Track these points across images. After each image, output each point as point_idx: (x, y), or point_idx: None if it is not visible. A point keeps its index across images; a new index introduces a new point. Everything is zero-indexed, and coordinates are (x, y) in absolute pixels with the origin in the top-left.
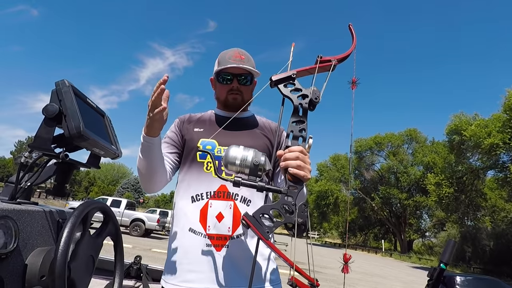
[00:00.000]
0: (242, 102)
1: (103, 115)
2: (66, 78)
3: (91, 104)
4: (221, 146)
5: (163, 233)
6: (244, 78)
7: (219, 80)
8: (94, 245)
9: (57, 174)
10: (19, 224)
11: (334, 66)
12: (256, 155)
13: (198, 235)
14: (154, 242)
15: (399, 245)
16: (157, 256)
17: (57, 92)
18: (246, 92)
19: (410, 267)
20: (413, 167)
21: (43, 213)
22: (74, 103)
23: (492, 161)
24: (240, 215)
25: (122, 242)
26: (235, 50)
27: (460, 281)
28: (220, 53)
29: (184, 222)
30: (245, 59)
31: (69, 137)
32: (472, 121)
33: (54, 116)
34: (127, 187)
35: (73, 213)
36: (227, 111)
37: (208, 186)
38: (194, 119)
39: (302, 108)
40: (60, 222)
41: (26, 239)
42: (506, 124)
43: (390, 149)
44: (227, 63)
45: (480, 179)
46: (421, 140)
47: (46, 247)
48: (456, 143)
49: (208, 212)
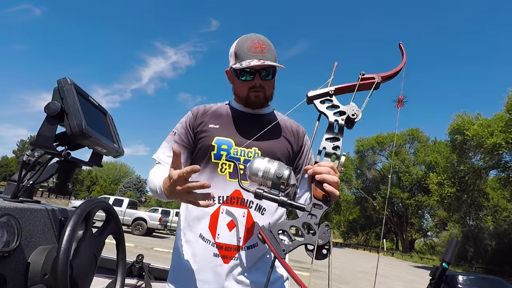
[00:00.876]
0: (264, 99)
1: (105, 113)
2: (68, 76)
3: (93, 102)
4: (238, 147)
5: (165, 232)
6: (267, 72)
7: (239, 76)
8: (97, 243)
9: (59, 173)
10: (21, 222)
11: (377, 84)
12: (280, 167)
13: (207, 242)
14: (156, 241)
15: (400, 244)
16: (159, 255)
17: (59, 90)
18: (268, 87)
19: (412, 267)
20: (415, 166)
21: (46, 212)
22: (76, 101)
23: (494, 160)
24: (253, 225)
25: (124, 241)
26: (253, 39)
27: (462, 281)
28: (236, 41)
29: (193, 226)
30: (266, 49)
31: (71, 135)
32: (475, 121)
33: (56, 114)
34: (129, 186)
35: (75, 212)
36: (248, 107)
37: (221, 190)
38: (209, 112)
39: (338, 125)
40: (63, 220)
41: (28, 237)
42: (509, 123)
43: (392, 148)
44: (247, 57)
45: (482, 179)
46: (423, 140)
47: (48, 245)
48: (459, 143)
49: (218, 219)
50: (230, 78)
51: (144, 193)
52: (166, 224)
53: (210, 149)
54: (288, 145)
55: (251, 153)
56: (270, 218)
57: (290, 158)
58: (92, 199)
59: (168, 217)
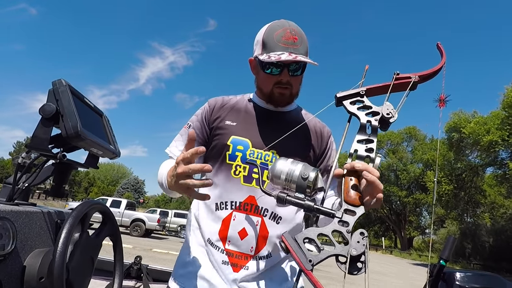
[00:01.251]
0: (290, 97)
1: (101, 114)
2: (64, 78)
3: (88, 103)
4: (255, 148)
5: (164, 233)
6: (297, 67)
7: (264, 68)
8: (93, 245)
9: (55, 175)
10: (17, 226)
11: (414, 84)
12: (306, 169)
13: (216, 248)
14: (154, 242)
15: (399, 242)
16: (157, 256)
17: (54, 91)
18: (295, 84)
19: (411, 264)
20: (412, 164)
21: (41, 214)
22: (72, 102)
23: (491, 158)
24: (267, 235)
25: (122, 242)
26: (285, 28)
27: (460, 277)
28: (265, 28)
29: (203, 229)
30: (299, 41)
31: (67, 137)
32: (471, 119)
33: (51, 116)
34: (127, 187)
35: (71, 214)
36: (269, 104)
37: (234, 194)
38: (228, 106)
39: (371, 126)
40: (59, 223)
41: (24, 240)
42: (505, 121)
43: (389, 147)
44: (276, 48)
45: (479, 176)
46: (420, 138)
47: (44, 248)
48: (455, 141)
49: (230, 225)
50: (254, 68)
51: (142, 194)
52: (165, 225)
53: (225, 148)
54: (310, 148)
55: (268, 156)
56: (286, 227)
57: (311, 161)
58: (88, 201)
59: (167, 218)
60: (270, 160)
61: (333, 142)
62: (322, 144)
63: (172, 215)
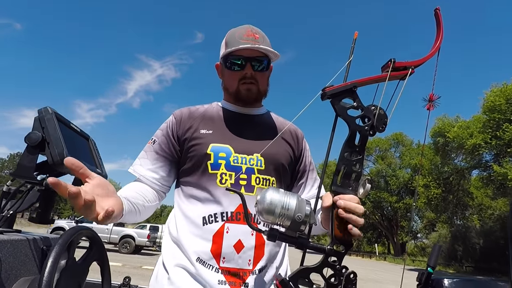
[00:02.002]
0: (257, 94)
1: (87, 138)
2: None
3: (75, 129)
4: (238, 154)
5: (154, 249)
6: (260, 62)
7: (228, 65)
8: (80, 271)
9: (40, 201)
10: (1, 255)
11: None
12: (300, 205)
13: (208, 267)
14: (145, 259)
15: (392, 248)
16: (148, 274)
17: (40, 119)
18: (262, 80)
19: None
20: (401, 170)
21: (27, 242)
22: (58, 130)
23: (475, 160)
24: (264, 242)
25: (109, 267)
26: (246, 28)
27: (448, 284)
28: (228, 32)
29: (188, 248)
30: (260, 39)
31: (53, 164)
32: (455, 123)
33: (37, 143)
34: None
35: (57, 242)
36: (238, 105)
37: (224, 205)
38: (197, 115)
39: (360, 135)
40: (45, 249)
41: (9, 269)
42: (486, 124)
43: (378, 153)
44: (237, 44)
45: (466, 179)
46: (407, 143)
47: (30, 276)
48: (441, 145)
49: (223, 239)
50: (220, 72)
51: None
52: (155, 241)
53: (206, 158)
54: (290, 150)
55: (253, 160)
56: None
57: (292, 163)
58: (74, 228)
59: (157, 233)
60: (256, 164)
61: (306, 143)
62: (299, 146)
63: (163, 230)
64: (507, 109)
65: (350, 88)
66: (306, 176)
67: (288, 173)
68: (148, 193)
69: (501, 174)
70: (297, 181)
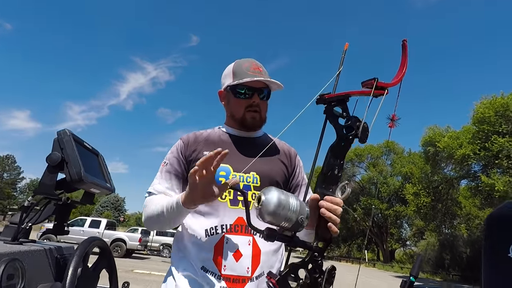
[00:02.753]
0: (260, 121)
1: (97, 154)
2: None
3: (87, 147)
4: (236, 172)
5: (145, 253)
6: (263, 92)
7: (237, 94)
8: (92, 278)
9: (56, 215)
10: (24, 264)
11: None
12: (302, 206)
13: (212, 275)
14: (136, 262)
15: (381, 254)
16: (139, 277)
17: (59, 141)
18: (264, 109)
19: (393, 276)
20: (392, 177)
21: (44, 252)
22: (75, 150)
23: (464, 171)
24: (260, 252)
25: (117, 273)
26: (251, 61)
27: None
28: (234, 63)
29: (193, 258)
30: (263, 72)
31: (71, 181)
32: (445, 133)
33: (57, 163)
34: (106, 206)
35: (75, 253)
36: (240, 129)
37: (224, 218)
38: (201, 139)
39: (343, 143)
40: (59, 258)
41: (30, 278)
42: (476, 135)
43: (369, 160)
44: (246, 75)
45: (455, 188)
46: (398, 152)
47: (47, 283)
48: (431, 154)
49: (223, 249)
50: (224, 98)
51: (122, 212)
52: (147, 244)
53: None
54: (284, 167)
55: (250, 178)
56: (275, 243)
57: (286, 179)
58: (89, 239)
59: (149, 236)
60: (252, 181)
61: (299, 160)
62: (292, 163)
63: (154, 234)
64: (496, 121)
65: (343, 98)
66: (299, 190)
67: (282, 188)
68: None
69: (489, 184)
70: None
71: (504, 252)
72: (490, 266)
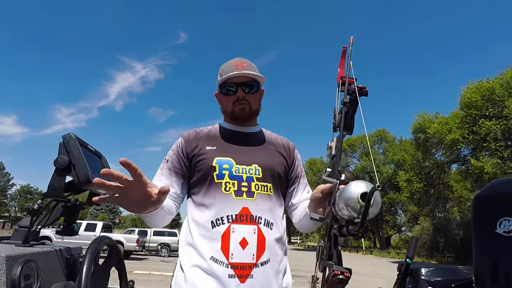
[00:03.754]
0: (250, 112)
1: (100, 156)
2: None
3: (90, 149)
4: (239, 165)
5: (144, 254)
6: (249, 86)
7: (223, 92)
8: (103, 275)
9: (65, 216)
10: (39, 265)
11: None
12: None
13: (220, 264)
14: (134, 263)
15: (378, 242)
16: (139, 278)
17: (65, 144)
18: (253, 101)
19: (390, 262)
20: (385, 165)
21: (55, 253)
22: (81, 153)
23: (454, 155)
24: (264, 240)
25: (126, 271)
26: (236, 60)
27: (424, 272)
28: (221, 65)
29: (202, 249)
30: (247, 67)
31: (79, 183)
32: (434, 119)
33: (65, 167)
34: (100, 208)
35: (88, 251)
36: (236, 124)
37: (229, 209)
38: (202, 135)
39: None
40: (69, 258)
41: (44, 277)
42: (464, 120)
43: (362, 150)
44: (228, 73)
45: (446, 173)
46: (390, 140)
47: (60, 282)
48: (422, 141)
49: (230, 238)
50: (219, 99)
51: (117, 214)
52: (144, 245)
53: (212, 170)
54: (284, 160)
55: (252, 170)
56: (278, 231)
57: (286, 171)
58: (99, 238)
59: (146, 237)
60: (254, 173)
61: (298, 153)
62: (291, 156)
63: (152, 234)
64: (482, 105)
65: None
66: (298, 181)
67: (283, 179)
68: (168, 203)
69: (478, 167)
70: (290, 186)
71: (492, 228)
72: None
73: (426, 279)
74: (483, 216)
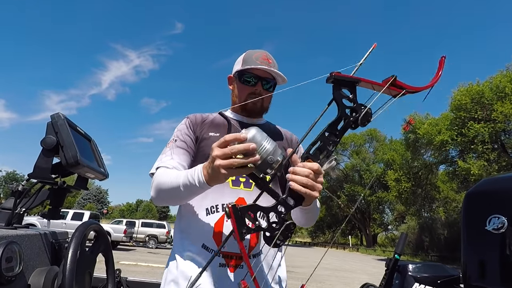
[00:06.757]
0: (261, 108)
1: (89, 140)
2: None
3: (80, 131)
4: None
5: (131, 244)
6: (269, 83)
7: (242, 80)
8: (90, 261)
9: (51, 199)
10: (22, 248)
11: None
12: (276, 151)
13: (211, 252)
14: (121, 254)
15: (364, 239)
16: (126, 268)
17: (53, 124)
18: (267, 98)
19: (376, 260)
20: (374, 164)
21: (39, 236)
22: (70, 134)
23: (442, 156)
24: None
25: (113, 257)
26: (263, 52)
27: (411, 268)
28: (246, 51)
29: (194, 237)
30: (272, 64)
31: (67, 165)
32: (425, 120)
33: (52, 147)
34: (88, 198)
35: (74, 235)
36: (243, 115)
37: (225, 197)
38: (207, 121)
39: (344, 123)
40: (54, 243)
41: (27, 261)
42: (453, 122)
43: (353, 148)
44: (254, 63)
45: (433, 173)
46: (380, 139)
47: (44, 267)
48: (412, 141)
49: (223, 227)
50: (231, 83)
51: (105, 204)
52: (132, 236)
53: None
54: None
55: None
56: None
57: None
58: (85, 222)
59: (134, 228)
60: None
61: (301, 147)
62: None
63: (140, 225)
64: (472, 108)
65: (353, 82)
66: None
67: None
68: None
69: (465, 169)
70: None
71: (481, 225)
72: (468, 239)
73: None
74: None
